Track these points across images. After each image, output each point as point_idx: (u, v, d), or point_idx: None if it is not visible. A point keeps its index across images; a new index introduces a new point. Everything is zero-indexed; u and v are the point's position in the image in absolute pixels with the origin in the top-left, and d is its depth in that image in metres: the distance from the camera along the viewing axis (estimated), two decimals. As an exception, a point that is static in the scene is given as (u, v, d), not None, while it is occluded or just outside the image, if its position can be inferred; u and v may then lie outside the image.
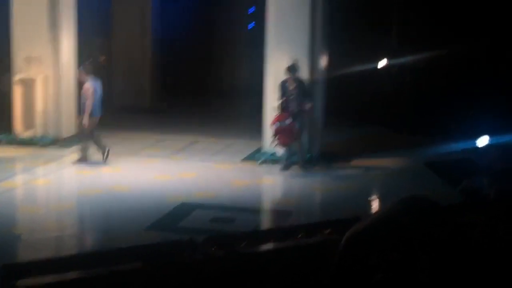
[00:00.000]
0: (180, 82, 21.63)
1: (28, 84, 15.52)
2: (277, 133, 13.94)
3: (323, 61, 14.95)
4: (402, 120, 17.44)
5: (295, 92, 13.83)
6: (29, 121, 15.68)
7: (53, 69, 15.85)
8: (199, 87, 21.76)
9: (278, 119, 13.99)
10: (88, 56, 19.33)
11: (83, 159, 14.22)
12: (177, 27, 22.06)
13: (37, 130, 15.77)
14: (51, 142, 15.60)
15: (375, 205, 12.61)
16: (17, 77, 15.65)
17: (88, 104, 13.96)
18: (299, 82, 13.94)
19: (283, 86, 13.90)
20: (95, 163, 14.24)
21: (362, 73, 18.71)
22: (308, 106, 14.06)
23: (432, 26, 18.69)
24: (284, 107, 13.91)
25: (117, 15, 20.64)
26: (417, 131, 16.82)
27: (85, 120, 14.01)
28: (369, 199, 12.95)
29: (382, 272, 4.56)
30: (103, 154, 14.24)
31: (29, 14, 15.56)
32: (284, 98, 13.87)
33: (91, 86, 14.04)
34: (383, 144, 16.30)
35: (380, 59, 19.30)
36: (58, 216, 11.71)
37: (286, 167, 13.97)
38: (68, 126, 16.22)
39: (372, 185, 13.72)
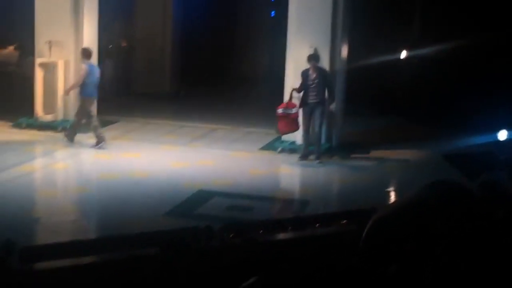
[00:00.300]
0: (201, 69, 21.61)
1: (50, 68, 15.56)
2: (279, 119, 13.94)
3: (344, 51, 14.89)
4: (422, 111, 17.35)
5: (317, 81, 13.77)
6: (50, 105, 15.73)
7: (74, 54, 15.86)
8: (220, 74, 21.74)
9: (285, 106, 13.98)
10: (109, 41, 19.49)
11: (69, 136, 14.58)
12: (199, 14, 22.02)
13: (58, 114, 15.80)
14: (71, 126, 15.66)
15: (392, 196, 12.58)
16: (39, 61, 15.68)
17: (74, 83, 14.67)
18: (321, 71, 13.88)
19: (305, 74, 13.84)
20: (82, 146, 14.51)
21: (383, 64, 18.63)
22: (331, 104, 14.04)
23: (454, 17, 18.56)
24: (302, 96, 13.84)
25: (140, 2, 20.64)
26: (436, 123, 16.73)
27: (67, 91, 14.99)
28: (386, 190, 12.90)
29: (398, 263, 4.53)
30: (97, 140, 14.39)
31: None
32: (303, 88, 13.77)
33: (85, 68, 14.38)
34: (402, 135, 16.25)
35: (401, 49, 19.22)
36: (76, 200, 11.78)
37: (304, 157, 13.94)
38: (88, 110, 16.25)
39: (389, 176, 13.69)
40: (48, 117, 15.71)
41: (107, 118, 16.66)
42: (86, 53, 14.57)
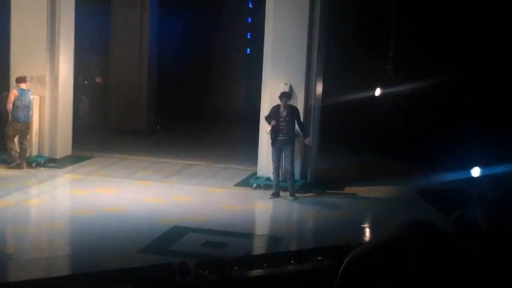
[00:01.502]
0: (177, 104, 21.64)
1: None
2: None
3: (319, 87, 14.99)
4: (396, 148, 17.47)
5: (287, 119, 13.86)
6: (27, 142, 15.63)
7: (50, 89, 15.84)
8: (196, 111, 21.78)
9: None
10: (84, 77, 19.47)
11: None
12: (175, 50, 22.11)
13: (32, 150, 15.71)
14: (45, 162, 15.57)
15: (367, 233, 12.60)
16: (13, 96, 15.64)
17: (6, 107, 15.23)
18: (291, 109, 13.97)
19: (275, 110, 13.92)
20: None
21: (358, 101, 18.79)
22: (306, 138, 14.14)
23: (427, 54, 18.79)
24: (274, 131, 13.90)
25: (116, 36, 20.66)
26: (410, 159, 16.84)
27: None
28: (361, 226, 12.93)
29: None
30: (12, 162, 15.05)
31: (27, 34, 15.59)
32: (275, 122, 13.84)
33: (15, 92, 15.08)
34: (377, 171, 16.33)
35: (375, 86, 19.39)
36: (50, 237, 11.69)
37: (276, 194, 13.96)
38: (63, 146, 16.20)
39: (364, 213, 13.72)
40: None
41: (82, 153, 16.63)
42: (18, 79, 15.16)
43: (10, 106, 15.10)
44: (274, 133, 13.89)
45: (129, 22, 20.43)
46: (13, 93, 15.13)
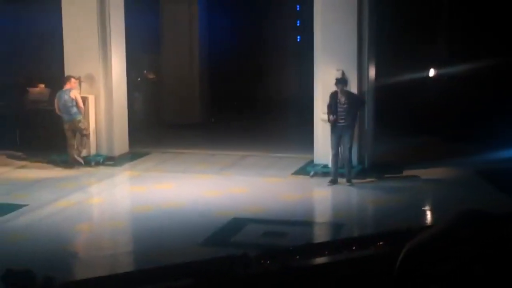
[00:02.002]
0: (229, 96, 21.71)
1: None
2: None
3: (372, 72, 14.89)
4: (453, 128, 17.27)
5: (345, 106, 13.77)
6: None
7: (104, 88, 16.05)
8: (248, 101, 21.82)
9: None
10: (137, 74, 19.69)
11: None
12: (225, 42, 22.19)
13: (90, 149, 15.94)
14: (103, 160, 15.78)
15: (427, 216, 12.50)
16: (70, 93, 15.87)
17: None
18: (349, 95, 13.89)
19: (333, 97, 13.84)
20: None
21: (411, 83, 18.61)
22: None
23: (479, 36, 18.52)
24: (333, 119, 13.83)
25: (166, 31, 20.85)
26: (468, 140, 16.63)
27: None
28: (421, 210, 12.81)
29: (438, 283, 4.54)
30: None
31: (78, 35, 15.80)
32: (333, 118, 13.76)
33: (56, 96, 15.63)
34: (435, 153, 16.15)
35: (428, 68, 19.18)
36: (112, 234, 11.84)
37: (334, 181, 13.92)
38: (120, 144, 16.39)
39: (423, 196, 13.60)
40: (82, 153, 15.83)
41: (139, 150, 16.82)
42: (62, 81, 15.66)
43: (56, 109, 15.59)
44: (333, 119, 13.83)
45: (178, 17, 20.59)
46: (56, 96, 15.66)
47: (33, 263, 8.97)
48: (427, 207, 13.16)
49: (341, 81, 13.86)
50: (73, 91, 15.39)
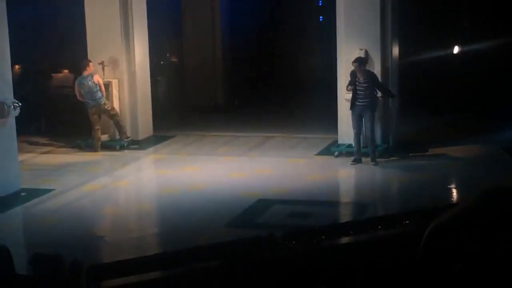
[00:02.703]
0: (252, 78, 21.70)
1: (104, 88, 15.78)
2: None
3: (395, 50, 14.81)
4: (478, 106, 17.16)
5: (365, 85, 13.71)
6: (106, 125, 15.95)
7: (127, 72, 16.12)
8: (271, 83, 21.79)
9: None
10: (160, 58, 19.72)
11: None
12: (247, 24, 22.14)
13: (114, 134, 16.03)
14: (128, 144, 15.85)
15: (452, 195, 12.45)
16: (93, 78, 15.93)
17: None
18: (368, 74, 13.81)
19: (353, 75, 13.79)
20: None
21: (436, 61, 18.50)
22: (390, 97, 14.08)
23: (504, 13, 18.37)
24: (351, 99, 13.79)
25: (188, 15, 20.86)
26: (494, 117, 16.53)
27: None
28: (446, 189, 12.76)
29: (463, 262, 4.53)
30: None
31: (102, 20, 15.85)
32: (354, 88, 13.73)
33: (76, 82, 15.69)
34: (460, 131, 16.07)
35: (452, 46, 19.04)
36: (138, 217, 11.96)
37: (357, 161, 13.90)
38: (144, 127, 16.46)
39: (449, 174, 13.54)
40: (105, 137, 15.93)
41: (163, 133, 16.89)
42: (79, 68, 15.72)
43: (78, 96, 15.58)
44: (353, 98, 13.79)
45: (200, 1, 20.57)
46: (75, 84, 15.68)
47: (60, 247, 9.07)
48: (452, 185, 13.12)
49: (356, 61, 13.75)
50: (95, 76, 15.44)
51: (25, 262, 6.38)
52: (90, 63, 15.53)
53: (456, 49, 19.13)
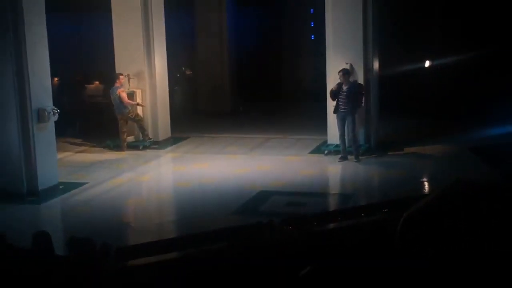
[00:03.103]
0: (255, 88, 21.68)
1: (130, 97, 15.79)
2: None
3: (376, 64, 14.82)
4: (448, 111, 17.16)
5: (345, 94, 13.76)
6: (131, 128, 15.97)
7: (149, 83, 16.11)
8: (272, 91, 21.76)
9: None
10: (176, 70, 19.73)
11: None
12: (251, 42, 22.16)
13: (138, 135, 16.04)
14: (150, 144, 15.86)
15: (424, 187, 12.46)
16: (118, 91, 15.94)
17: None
18: (351, 84, 13.84)
19: (338, 86, 13.85)
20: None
21: (411, 72, 18.52)
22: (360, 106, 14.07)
23: (469, 31, 18.39)
24: (335, 105, 13.85)
25: (200, 32, 20.89)
26: (462, 120, 16.50)
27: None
28: (419, 182, 12.77)
29: (434, 247, 4.53)
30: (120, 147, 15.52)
31: (127, 39, 15.82)
32: (337, 95, 13.78)
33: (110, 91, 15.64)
34: (432, 133, 16.06)
35: (424, 59, 19.05)
36: (158, 206, 11.97)
37: (343, 158, 13.92)
38: (163, 130, 16.46)
39: (421, 169, 13.53)
40: (130, 138, 15.94)
41: (179, 135, 16.90)
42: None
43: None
44: (336, 105, 13.85)
45: (210, 21, 20.62)
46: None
47: (92, 232, 9.12)
48: (424, 179, 13.12)
49: (341, 71, 13.81)
50: (119, 89, 15.41)
51: (63, 245, 6.41)
52: (121, 76, 15.48)
53: (427, 63, 19.13)
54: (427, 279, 4.47)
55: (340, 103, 13.80)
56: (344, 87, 13.78)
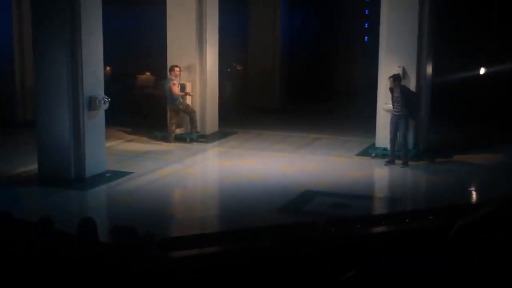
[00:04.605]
0: (305, 87, 21.62)
1: (181, 90, 15.89)
2: None
3: (429, 68, 14.63)
4: (502, 119, 16.84)
5: (399, 98, 13.63)
6: (180, 120, 16.10)
7: (199, 76, 16.21)
8: (322, 90, 21.68)
9: None
10: (227, 65, 19.82)
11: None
12: (304, 41, 22.11)
13: (186, 128, 16.16)
14: (197, 137, 15.96)
15: (472, 196, 12.26)
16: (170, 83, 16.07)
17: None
18: (403, 89, 13.71)
19: (391, 91, 13.76)
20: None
21: (465, 77, 18.22)
22: (413, 116, 13.88)
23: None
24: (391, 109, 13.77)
25: (253, 30, 20.92)
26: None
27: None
28: (467, 191, 12.56)
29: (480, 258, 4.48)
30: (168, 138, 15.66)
31: (180, 32, 15.95)
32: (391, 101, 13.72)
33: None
34: (484, 141, 15.77)
35: (480, 64, 18.73)
36: (203, 199, 12.05)
37: (390, 162, 13.79)
38: (211, 124, 16.55)
39: (470, 178, 13.29)
40: (179, 131, 16.07)
41: (227, 130, 16.96)
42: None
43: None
44: (392, 109, 13.75)
45: (263, 18, 20.63)
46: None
47: (137, 221, 9.20)
48: (472, 188, 12.90)
49: (390, 77, 13.68)
50: (171, 82, 15.56)
51: (107, 232, 6.51)
52: (176, 68, 15.59)
53: (482, 70, 18.80)
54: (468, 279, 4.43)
55: (394, 107, 13.70)
56: (396, 93, 13.65)
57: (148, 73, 19.30)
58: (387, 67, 14.28)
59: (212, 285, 5.78)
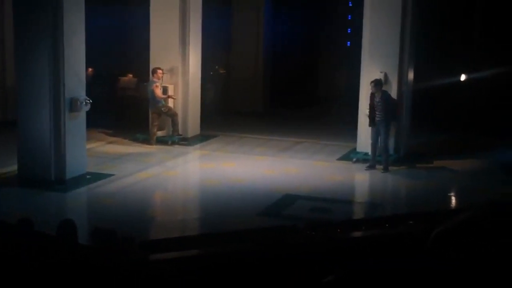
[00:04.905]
0: (287, 90, 21.67)
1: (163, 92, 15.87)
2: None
3: (410, 74, 14.73)
4: (481, 125, 16.97)
5: (380, 103, 13.69)
6: (161, 122, 16.07)
7: (182, 79, 16.20)
8: (304, 95, 21.73)
9: None
10: (210, 68, 19.82)
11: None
12: (286, 45, 22.16)
13: (168, 130, 16.14)
14: (179, 140, 15.95)
15: (451, 202, 12.35)
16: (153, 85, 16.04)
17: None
18: (384, 94, 13.78)
19: (372, 97, 13.82)
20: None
21: (445, 83, 18.35)
22: (393, 120, 13.95)
23: (507, 45, 18.19)
24: (370, 114, 13.81)
25: (236, 33, 20.95)
26: (495, 136, 16.30)
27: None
28: (447, 196, 12.65)
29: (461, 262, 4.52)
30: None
31: (164, 34, 15.95)
32: (371, 106, 13.77)
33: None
34: (463, 147, 15.89)
35: (461, 71, 18.88)
36: (184, 202, 12.03)
37: (371, 167, 13.86)
38: (193, 127, 16.55)
39: (449, 184, 13.39)
40: (160, 133, 16.05)
41: (208, 133, 16.95)
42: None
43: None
44: (371, 116, 13.80)
45: (247, 22, 20.65)
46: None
47: (116, 224, 9.18)
48: (452, 194, 12.99)
49: (372, 82, 13.75)
50: (154, 84, 15.54)
51: (87, 234, 6.48)
52: (158, 70, 15.55)
53: (463, 77, 18.95)
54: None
55: (375, 112, 13.74)
56: (377, 98, 13.72)
57: (130, 75, 19.24)
58: (369, 72, 14.37)
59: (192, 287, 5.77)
